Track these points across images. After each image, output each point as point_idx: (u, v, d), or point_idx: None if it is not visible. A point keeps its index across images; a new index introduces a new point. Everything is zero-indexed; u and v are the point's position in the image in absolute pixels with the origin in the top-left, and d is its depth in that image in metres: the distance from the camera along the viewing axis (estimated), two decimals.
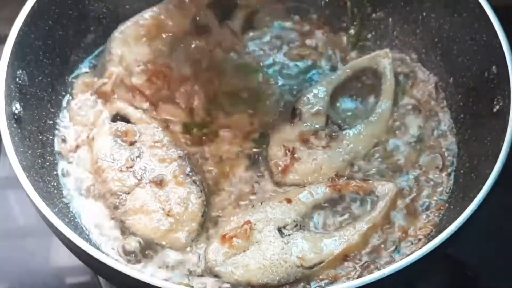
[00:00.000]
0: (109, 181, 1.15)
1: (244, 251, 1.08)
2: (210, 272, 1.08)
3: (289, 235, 1.09)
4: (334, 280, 1.06)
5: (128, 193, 1.14)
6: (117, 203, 1.13)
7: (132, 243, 1.10)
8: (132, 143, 1.19)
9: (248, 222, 1.10)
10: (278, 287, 1.06)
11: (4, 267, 1.27)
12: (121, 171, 1.16)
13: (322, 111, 1.23)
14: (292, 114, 1.23)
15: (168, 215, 1.12)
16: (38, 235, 1.28)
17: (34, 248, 1.29)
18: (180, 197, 1.13)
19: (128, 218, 1.13)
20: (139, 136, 1.20)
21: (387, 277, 0.92)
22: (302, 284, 1.06)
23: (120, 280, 0.95)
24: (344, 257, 1.08)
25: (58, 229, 0.98)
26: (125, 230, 1.12)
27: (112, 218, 1.14)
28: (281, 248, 1.08)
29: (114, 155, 1.18)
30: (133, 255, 1.10)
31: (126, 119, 1.23)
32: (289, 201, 1.13)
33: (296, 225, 1.11)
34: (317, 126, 1.22)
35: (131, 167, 1.16)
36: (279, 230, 1.10)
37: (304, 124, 1.22)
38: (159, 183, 1.14)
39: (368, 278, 0.92)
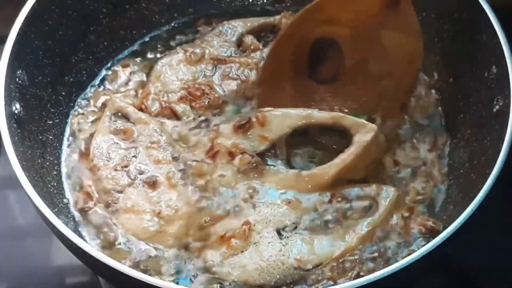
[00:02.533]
0: (103, 179, 1.16)
1: (242, 251, 1.08)
2: (207, 272, 1.08)
3: (287, 237, 1.09)
4: (333, 281, 1.06)
5: (121, 192, 1.15)
6: (110, 201, 1.14)
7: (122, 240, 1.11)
8: (129, 143, 1.20)
9: (247, 222, 1.10)
10: None
11: (4, 267, 1.27)
12: (115, 170, 1.16)
13: None
14: None
15: (157, 216, 1.12)
16: (38, 235, 1.28)
17: (34, 248, 1.29)
18: (171, 200, 1.14)
19: (119, 217, 1.13)
20: (137, 136, 1.20)
21: (387, 277, 0.92)
22: (299, 285, 1.06)
23: (120, 280, 0.95)
24: (343, 260, 1.08)
25: (58, 229, 0.98)
26: (115, 229, 1.13)
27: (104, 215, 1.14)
28: (279, 249, 1.08)
29: (111, 153, 1.18)
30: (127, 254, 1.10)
31: (126, 118, 1.23)
32: (289, 203, 1.13)
33: (295, 227, 1.11)
34: None
35: (126, 166, 1.17)
36: (278, 231, 1.10)
37: None
38: (152, 184, 1.15)
39: (368, 278, 0.92)
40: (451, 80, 1.26)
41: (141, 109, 1.25)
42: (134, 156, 1.18)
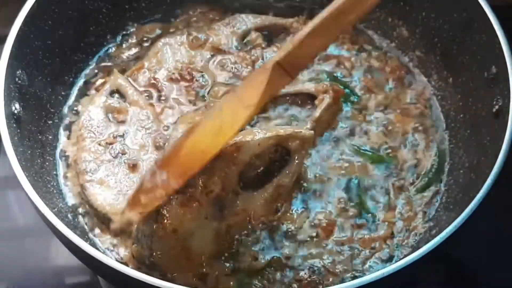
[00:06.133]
0: (86, 150, 1.17)
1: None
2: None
3: None
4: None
5: (100, 166, 1.16)
6: (88, 170, 1.15)
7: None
8: (120, 122, 1.21)
9: None
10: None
11: (4, 267, 1.27)
12: (99, 144, 1.18)
13: None
14: None
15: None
16: (38, 235, 1.28)
17: (34, 248, 1.29)
18: None
19: (90, 187, 1.14)
20: (129, 118, 1.21)
21: (387, 277, 0.92)
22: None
23: (120, 280, 0.95)
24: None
25: (58, 229, 0.98)
26: (82, 198, 1.14)
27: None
28: None
29: (100, 127, 1.20)
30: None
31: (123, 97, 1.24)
32: None
33: None
34: None
35: (111, 143, 1.18)
36: None
37: None
38: (132, 166, 1.16)
39: (368, 278, 0.92)
40: (451, 80, 1.26)
41: None
42: (121, 136, 1.19)
